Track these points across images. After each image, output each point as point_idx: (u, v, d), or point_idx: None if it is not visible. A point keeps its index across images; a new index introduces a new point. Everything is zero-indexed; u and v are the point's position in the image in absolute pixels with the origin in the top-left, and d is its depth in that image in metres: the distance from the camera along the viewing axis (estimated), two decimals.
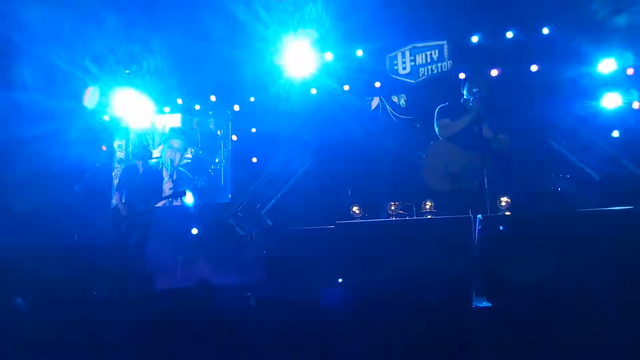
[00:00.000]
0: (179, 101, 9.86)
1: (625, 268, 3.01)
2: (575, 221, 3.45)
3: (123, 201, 6.45)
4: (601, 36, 7.16)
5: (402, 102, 9.10)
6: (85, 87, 8.45)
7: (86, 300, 4.41)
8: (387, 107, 9.19)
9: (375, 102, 9.25)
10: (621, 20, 6.84)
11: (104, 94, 8.68)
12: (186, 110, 9.99)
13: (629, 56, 7.44)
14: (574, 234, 3.29)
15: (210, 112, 9.95)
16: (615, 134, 7.87)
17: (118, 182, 6.68)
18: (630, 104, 7.93)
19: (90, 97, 8.59)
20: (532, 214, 3.82)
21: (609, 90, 7.69)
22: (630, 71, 7.88)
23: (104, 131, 9.78)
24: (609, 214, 3.46)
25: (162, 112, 9.97)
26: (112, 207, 6.68)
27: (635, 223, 3.32)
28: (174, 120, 10.10)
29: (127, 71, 9.35)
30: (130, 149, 8.31)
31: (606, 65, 7.69)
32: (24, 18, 6.76)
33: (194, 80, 9.31)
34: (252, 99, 9.56)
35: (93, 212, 7.26)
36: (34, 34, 7.04)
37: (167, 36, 7.73)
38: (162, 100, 9.91)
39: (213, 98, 9.67)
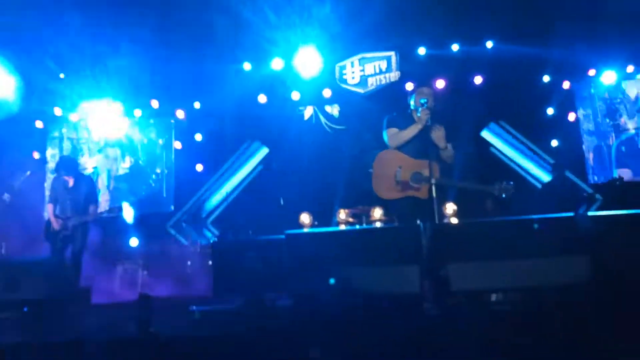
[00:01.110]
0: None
1: (567, 273, 3.09)
2: (516, 227, 3.53)
3: (56, 213, 6.07)
4: (542, 49, 7.50)
5: (336, 112, 9.18)
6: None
7: (16, 317, 4.12)
8: (321, 116, 9.24)
9: (308, 111, 9.28)
10: None
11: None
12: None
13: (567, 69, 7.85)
14: (516, 240, 3.36)
15: (152, 121, 9.62)
16: (554, 143, 8.28)
17: (50, 194, 6.27)
18: (566, 115, 8.37)
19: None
20: (476, 221, 3.88)
21: (548, 101, 8.10)
22: (566, 84, 8.32)
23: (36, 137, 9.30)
24: (550, 221, 3.55)
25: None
26: (45, 219, 6.26)
27: (574, 229, 3.43)
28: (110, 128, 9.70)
29: (62, 75, 8.93)
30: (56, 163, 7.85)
31: (546, 78, 8.11)
32: None
33: (135, 85, 8.98)
34: (197, 105, 9.34)
35: (24, 223, 6.82)
36: None
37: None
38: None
39: (155, 104, 9.35)
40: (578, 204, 6.33)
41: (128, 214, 8.69)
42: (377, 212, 6.45)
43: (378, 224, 6.28)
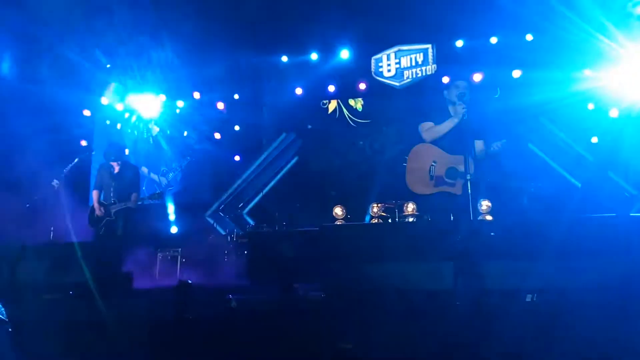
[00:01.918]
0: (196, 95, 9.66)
1: (609, 273, 3.04)
2: (557, 226, 3.47)
3: (100, 200, 6.32)
4: (583, 44, 7.27)
5: (359, 105, 9.16)
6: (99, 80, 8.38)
7: (62, 299, 4.31)
8: (344, 110, 9.24)
9: (332, 105, 9.30)
10: None
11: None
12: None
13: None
14: (556, 239, 3.31)
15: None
16: (594, 140, 8.02)
17: (95, 181, 6.51)
18: (607, 111, 8.09)
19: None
20: (514, 219, 3.84)
21: (589, 96, 7.85)
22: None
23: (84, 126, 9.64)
24: (591, 220, 3.50)
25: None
26: (90, 205, 6.53)
27: (617, 229, 3.36)
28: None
29: (108, 65, 9.21)
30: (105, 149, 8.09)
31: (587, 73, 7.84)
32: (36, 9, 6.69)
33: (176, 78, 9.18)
34: (236, 97, 9.49)
35: (72, 209, 7.10)
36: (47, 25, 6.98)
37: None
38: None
39: (196, 95, 9.54)
40: (619, 204, 6.15)
41: (170, 210, 8.98)
42: (410, 207, 6.46)
43: (410, 219, 6.29)
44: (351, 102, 9.15)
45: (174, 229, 8.85)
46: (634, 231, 3.37)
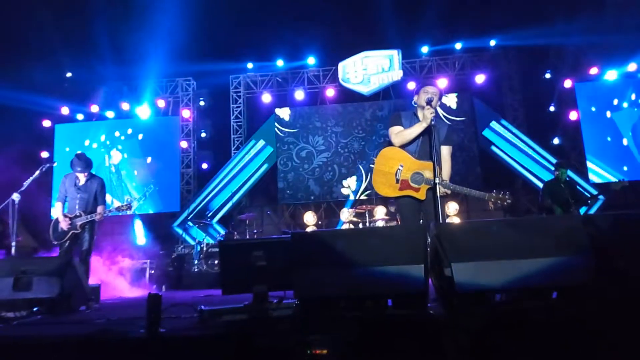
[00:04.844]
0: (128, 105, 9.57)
1: (570, 273, 3.13)
2: (518, 226, 3.55)
3: (64, 212, 6.12)
4: (547, 49, 7.52)
5: (287, 116, 9.28)
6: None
7: (26, 316, 4.18)
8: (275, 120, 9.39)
9: None
10: None
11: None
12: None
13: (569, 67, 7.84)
14: (518, 239, 3.38)
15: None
16: (556, 141, 8.28)
17: (59, 192, 6.29)
18: (567, 113, 8.36)
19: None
20: (481, 221, 3.90)
21: (550, 99, 8.11)
22: (567, 83, 8.31)
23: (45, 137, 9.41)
24: (553, 220, 3.59)
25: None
26: (53, 218, 6.32)
27: (579, 228, 3.46)
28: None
29: (69, 74, 9.03)
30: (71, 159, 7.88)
31: (547, 75, 8.11)
32: None
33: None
34: (202, 103, 9.43)
35: (33, 223, 6.89)
36: None
37: None
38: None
39: (161, 103, 9.45)
40: (580, 204, 6.34)
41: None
42: (380, 211, 6.52)
43: (380, 223, 6.34)
44: (277, 111, 9.26)
45: (142, 240, 8.71)
46: (595, 230, 3.47)
